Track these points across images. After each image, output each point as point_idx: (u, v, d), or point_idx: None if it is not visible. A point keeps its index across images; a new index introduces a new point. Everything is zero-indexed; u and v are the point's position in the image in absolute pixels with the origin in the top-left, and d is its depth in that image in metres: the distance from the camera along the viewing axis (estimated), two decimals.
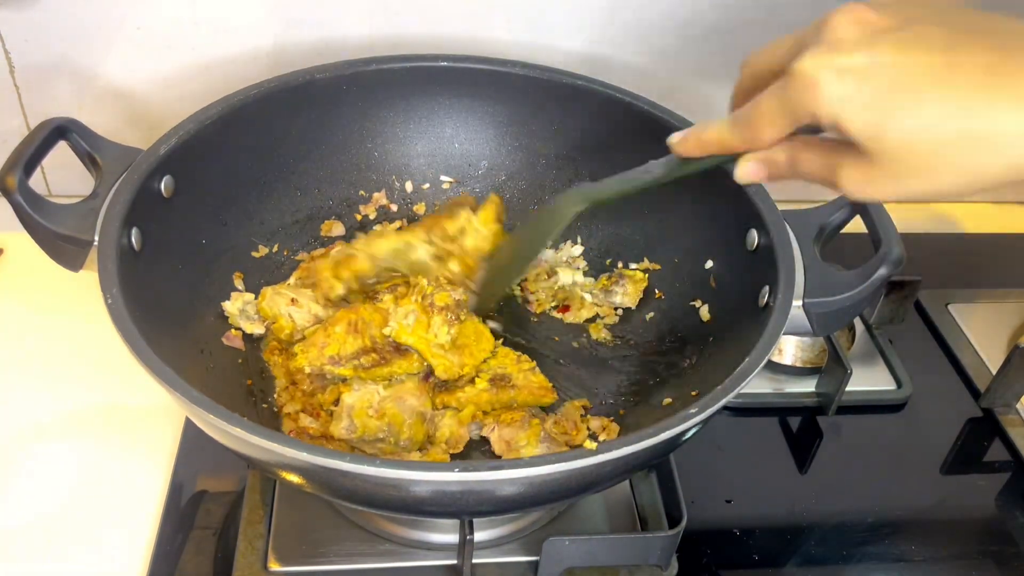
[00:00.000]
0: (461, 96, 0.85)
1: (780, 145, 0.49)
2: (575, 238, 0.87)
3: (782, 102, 0.45)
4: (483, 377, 0.73)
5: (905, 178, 0.44)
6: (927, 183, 0.44)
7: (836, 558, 0.73)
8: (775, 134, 0.47)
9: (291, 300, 0.76)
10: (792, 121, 0.46)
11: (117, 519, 0.69)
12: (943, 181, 0.43)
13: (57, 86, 0.89)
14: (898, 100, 0.42)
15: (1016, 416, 0.86)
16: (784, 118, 0.46)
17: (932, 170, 0.43)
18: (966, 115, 0.41)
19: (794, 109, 0.45)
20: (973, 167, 0.42)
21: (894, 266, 0.61)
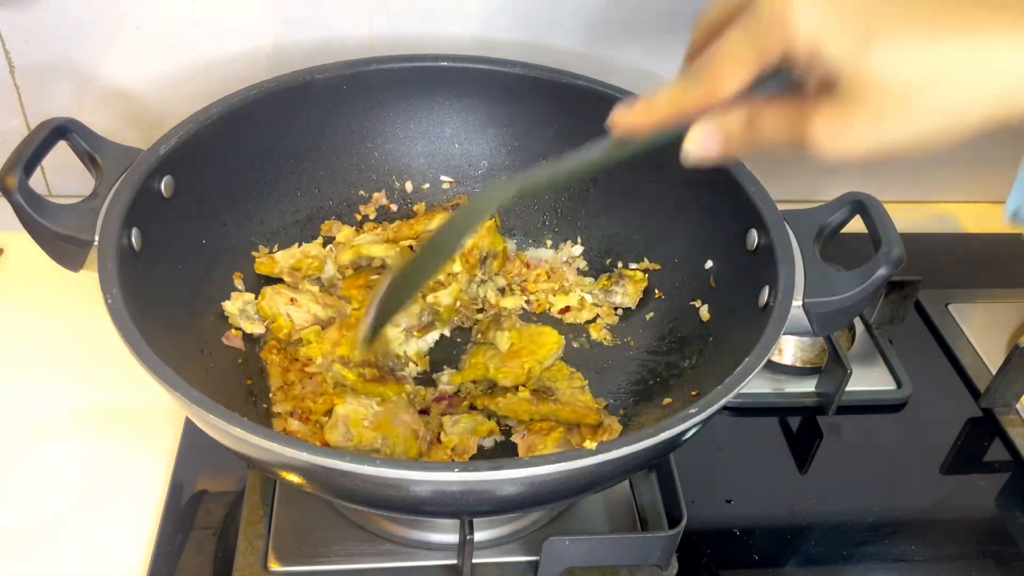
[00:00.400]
0: (461, 96, 0.85)
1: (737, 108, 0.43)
2: (575, 238, 0.87)
3: (749, 35, 0.41)
4: (528, 386, 0.73)
5: (886, 118, 0.40)
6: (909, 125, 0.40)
7: (836, 558, 0.73)
8: (739, 79, 0.42)
9: (290, 300, 0.76)
10: (760, 56, 0.41)
11: (117, 519, 0.69)
12: (927, 122, 0.40)
13: (57, 86, 0.89)
14: (881, 25, 0.38)
15: (1016, 416, 0.86)
16: (751, 52, 0.41)
17: (916, 107, 0.39)
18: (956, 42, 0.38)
19: (764, 41, 0.40)
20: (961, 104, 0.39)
21: (894, 266, 0.61)
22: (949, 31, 0.38)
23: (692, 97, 0.44)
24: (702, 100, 0.44)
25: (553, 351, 0.76)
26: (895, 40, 0.38)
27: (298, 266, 0.80)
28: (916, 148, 0.41)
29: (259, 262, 0.80)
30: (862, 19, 0.38)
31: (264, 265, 0.80)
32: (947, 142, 0.40)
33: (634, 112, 0.46)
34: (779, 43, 0.40)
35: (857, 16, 0.39)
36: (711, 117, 0.44)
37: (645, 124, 0.46)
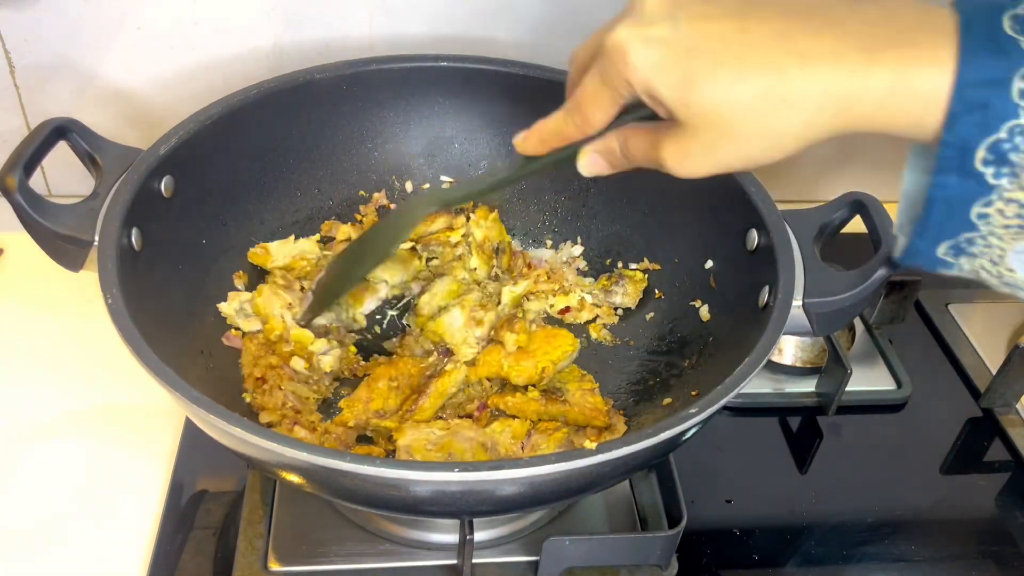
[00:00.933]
0: (461, 96, 0.85)
1: (612, 133, 0.51)
2: (575, 238, 0.87)
3: (601, 77, 0.47)
4: (539, 386, 0.73)
5: (717, 146, 0.46)
6: (738, 149, 0.45)
7: (836, 558, 0.73)
8: (602, 113, 0.49)
9: (287, 304, 0.76)
10: (613, 95, 0.47)
11: (117, 519, 0.69)
12: (751, 145, 0.45)
13: (57, 86, 0.89)
14: (698, 65, 0.44)
15: (1016, 416, 0.86)
16: (606, 93, 0.47)
17: (739, 134, 0.45)
18: (760, 77, 0.43)
19: (612, 81, 0.47)
20: (775, 128, 0.44)
21: (894, 266, 0.61)
22: (752, 69, 0.43)
23: (570, 127, 0.51)
24: (578, 132, 0.51)
25: (568, 353, 0.76)
26: (709, 80, 0.44)
27: (291, 266, 0.80)
28: (751, 165, 0.47)
29: (252, 252, 0.79)
30: (683, 62, 0.44)
31: (258, 256, 0.79)
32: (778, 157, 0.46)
33: (529, 140, 0.55)
34: (623, 81, 0.46)
35: (680, 58, 0.44)
36: (593, 143, 0.52)
37: (537, 150, 0.55)
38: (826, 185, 1.06)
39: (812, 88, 0.43)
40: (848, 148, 1.05)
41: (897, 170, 0.48)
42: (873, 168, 1.07)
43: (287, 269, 0.80)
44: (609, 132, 0.51)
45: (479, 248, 0.83)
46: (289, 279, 0.79)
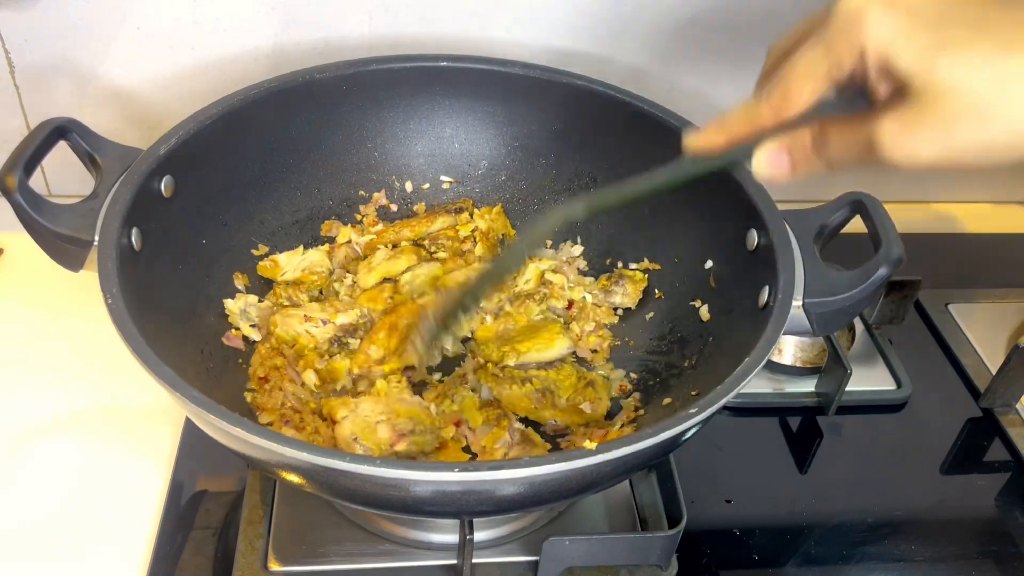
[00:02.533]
0: (461, 96, 0.85)
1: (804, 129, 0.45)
2: (575, 238, 0.87)
3: (823, 47, 0.43)
4: (534, 384, 0.73)
5: (955, 124, 0.40)
6: (979, 131, 0.40)
7: (836, 558, 0.73)
8: (811, 89, 0.43)
9: (303, 318, 0.76)
10: (832, 67, 0.42)
11: (117, 519, 0.69)
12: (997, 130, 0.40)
13: (57, 86, 0.89)
14: (952, 35, 0.40)
15: (1016, 416, 0.86)
16: (823, 64, 0.43)
17: (983, 114, 0.40)
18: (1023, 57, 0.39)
19: (837, 49, 0.42)
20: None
21: (894, 266, 0.61)
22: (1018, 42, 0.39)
23: (763, 114, 0.45)
24: (773, 116, 0.45)
25: (547, 348, 0.76)
26: (966, 50, 0.39)
27: (301, 280, 0.79)
28: (985, 158, 0.41)
29: (262, 265, 0.80)
30: (934, 29, 0.40)
31: (267, 269, 0.79)
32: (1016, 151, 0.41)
33: (706, 132, 0.48)
34: (851, 54, 0.41)
35: (930, 25, 0.40)
36: (778, 137, 0.45)
37: (716, 144, 0.48)
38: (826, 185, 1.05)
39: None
40: None
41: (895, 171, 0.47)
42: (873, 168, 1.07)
43: (296, 283, 0.79)
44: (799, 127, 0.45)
45: (484, 237, 0.84)
46: (294, 297, 0.79)
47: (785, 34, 0.48)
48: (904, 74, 0.40)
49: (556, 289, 0.82)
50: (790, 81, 0.44)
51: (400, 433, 0.67)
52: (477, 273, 0.73)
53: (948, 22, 0.40)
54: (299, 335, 0.75)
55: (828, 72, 0.43)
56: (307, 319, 0.75)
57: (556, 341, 0.77)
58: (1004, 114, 0.40)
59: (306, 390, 0.72)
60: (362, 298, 0.80)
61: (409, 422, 0.67)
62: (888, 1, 0.41)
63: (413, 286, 0.80)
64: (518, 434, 0.70)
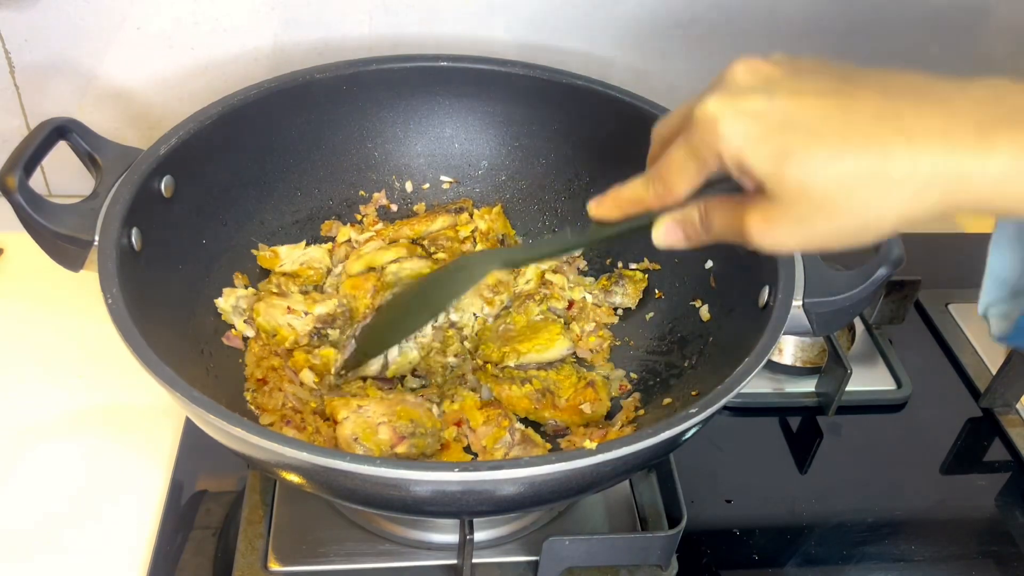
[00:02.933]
0: (461, 96, 0.85)
1: (693, 204, 0.50)
2: None
3: (688, 148, 0.46)
4: (534, 384, 0.73)
5: (808, 221, 0.44)
6: (830, 226, 0.44)
7: (836, 558, 0.73)
8: (686, 184, 0.48)
9: (287, 309, 0.76)
10: (700, 166, 0.46)
11: (117, 519, 0.69)
12: (846, 223, 0.44)
13: (57, 86, 0.89)
14: (795, 138, 0.43)
15: (1016, 416, 0.85)
16: (692, 164, 0.47)
17: (832, 210, 0.43)
18: (862, 154, 0.42)
19: (700, 152, 0.46)
20: (874, 207, 0.43)
21: (894, 266, 0.61)
22: (853, 145, 0.42)
23: (651, 196, 0.50)
24: (658, 201, 0.50)
25: (547, 348, 0.76)
26: (807, 155, 0.43)
27: (298, 273, 0.79)
28: (842, 243, 0.45)
29: (262, 255, 0.80)
30: (779, 135, 0.43)
31: (267, 259, 0.80)
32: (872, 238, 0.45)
33: (604, 204, 0.54)
34: (712, 155, 0.45)
35: (775, 132, 0.43)
36: (672, 212, 0.51)
37: (613, 215, 0.53)
38: None
39: (920, 167, 0.41)
40: None
41: None
42: None
43: (292, 276, 0.80)
44: (689, 204, 0.50)
45: (483, 237, 0.85)
46: (284, 287, 0.79)
47: (666, 119, 0.52)
48: (758, 178, 0.44)
49: (556, 289, 0.82)
50: (667, 174, 0.48)
51: (401, 435, 0.67)
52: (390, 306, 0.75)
53: (791, 128, 0.43)
54: (280, 326, 0.75)
55: (698, 170, 0.47)
56: (290, 311, 0.75)
57: (557, 342, 0.77)
58: (848, 208, 0.43)
59: (305, 390, 0.72)
60: (346, 284, 0.80)
61: (410, 424, 0.67)
62: (736, 110, 0.44)
63: (399, 277, 0.80)
64: (518, 434, 0.70)
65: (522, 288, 0.82)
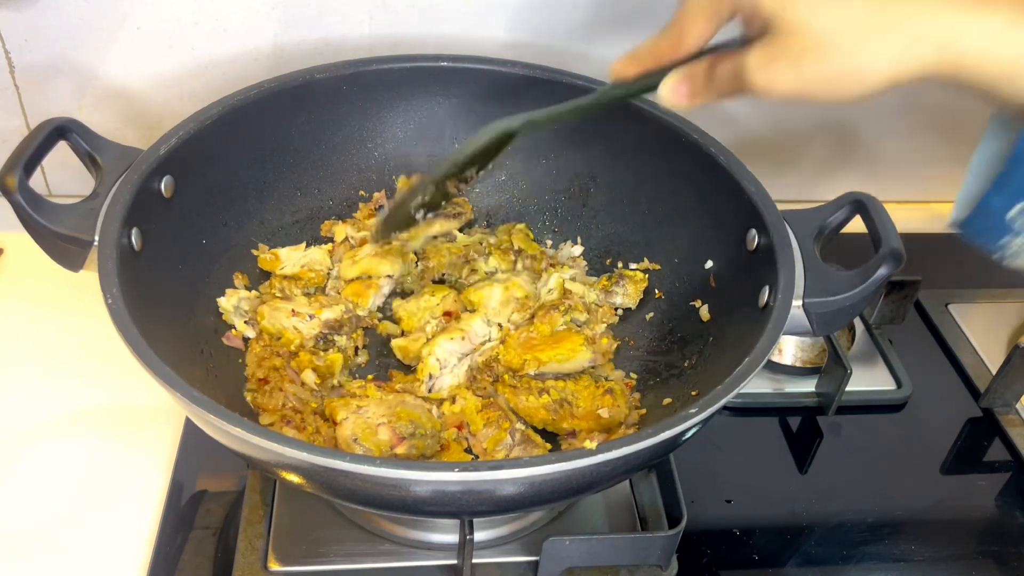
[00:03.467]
0: (461, 96, 0.85)
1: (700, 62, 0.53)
2: (575, 238, 0.87)
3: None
4: (552, 395, 0.73)
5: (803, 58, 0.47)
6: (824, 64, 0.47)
7: (836, 558, 0.73)
8: (699, 30, 0.52)
9: (291, 312, 0.75)
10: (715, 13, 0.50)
11: (117, 519, 0.69)
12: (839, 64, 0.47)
13: (57, 86, 0.89)
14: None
15: (1016, 416, 0.86)
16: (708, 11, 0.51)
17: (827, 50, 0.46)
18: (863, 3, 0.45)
19: None
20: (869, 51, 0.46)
21: (894, 266, 0.61)
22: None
23: (665, 45, 0.54)
24: (673, 50, 0.54)
25: (569, 359, 0.76)
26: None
27: (299, 276, 0.79)
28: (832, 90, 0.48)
29: (262, 258, 0.80)
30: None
31: (267, 261, 0.80)
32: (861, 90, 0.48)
33: (623, 61, 0.57)
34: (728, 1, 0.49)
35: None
36: (679, 68, 0.54)
37: (630, 72, 0.56)
38: (826, 185, 1.06)
39: (918, 18, 0.44)
40: (848, 148, 1.05)
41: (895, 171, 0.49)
42: (873, 168, 1.07)
43: (294, 279, 0.79)
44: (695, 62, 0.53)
45: (496, 249, 0.85)
46: (287, 290, 0.78)
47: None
48: (767, 14, 0.47)
49: (575, 298, 0.82)
50: (682, 22, 0.52)
51: (400, 436, 0.67)
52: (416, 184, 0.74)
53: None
54: (285, 329, 0.75)
55: (713, 15, 0.51)
56: (295, 314, 0.75)
57: (579, 352, 0.76)
58: (842, 49, 0.46)
59: (306, 390, 0.72)
60: (346, 291, 0.80)
61: (410, 425, 0.67)
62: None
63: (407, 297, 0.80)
64: (519, 435, 0.70)
65: (545, 298, 0.81)
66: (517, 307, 0.79)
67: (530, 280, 0.82)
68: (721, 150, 0.74)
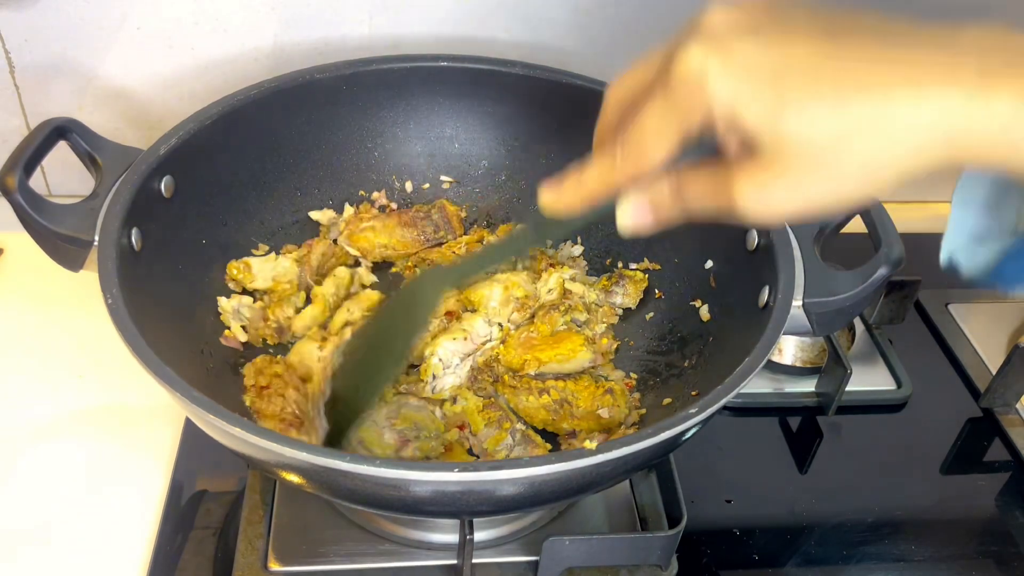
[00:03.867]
0: (461, 96, 0.85)
1: (662, 178, 0.45)
2: (575, 238, 0.87)
3: (668, 106, 0.42)
4: (552, 395, 0.73)
5: (808, 181, 0.41)
6: (832, 183, 0.41)
7: (836, 558, 0.73)
8: (663, 149, 0.43)
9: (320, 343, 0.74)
10: (680, 127, 0.42)
11: (117, 519, 0.69)
12: (849, 178, 0.40)
13: (57, 86, 0.89)
14: (793, 87, 0.39)
15: (1016, 416, 0.85)
16: (672, 125, 0.42)
17: (836, 166, 0.40)
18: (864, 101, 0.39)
19: (682, 110, 0.41)
20: (878, 159, 0.40)
21: (894, 266, 0.61)
22: (854, 92, 0.39)
23: (619, 171, 0.45)
24: (629, 173, 0.45)
25: (569, 359, 0.76)
26: (807, 105, 0.39)
27: (272, 289, 0.78)
28: (839, 205, 0.42)
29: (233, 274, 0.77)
30: (773, 85, 0.39)
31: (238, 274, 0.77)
32: (871, 196, 0.41)
33: (563, 191, 0.48)
34: (697, 113, 0.41)
35: (768, 82, 0.40)
36: (639, 190, 0.45)
37: (575, 202, 0.48)
38: None
39: (923, 114, 0.38)
40: None
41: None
42: None
43: (268, 292, 0.78)
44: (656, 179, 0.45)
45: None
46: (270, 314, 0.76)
47: (622, 78, 0.47)
48: (751, 133, 0.40)
49: (576, 298, 0.81)
50: (640, 139, 0.43)
51: (405, 438, 0.67)
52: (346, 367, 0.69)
53: (786, 75, 0.39)
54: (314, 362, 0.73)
55: (678, 129, 0.42)
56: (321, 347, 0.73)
57: (579, 353, 0.76)
58: (850, 162, 0.40)
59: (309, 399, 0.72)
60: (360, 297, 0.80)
61: (414, 428, 0.67)
62: (725, 59, 0.40)
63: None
64: (519, 435, 0.70)
65: (546, 298, 0.81)
66: (517, 307, 0.79)
67: (530, 280, 0.82)
68: None
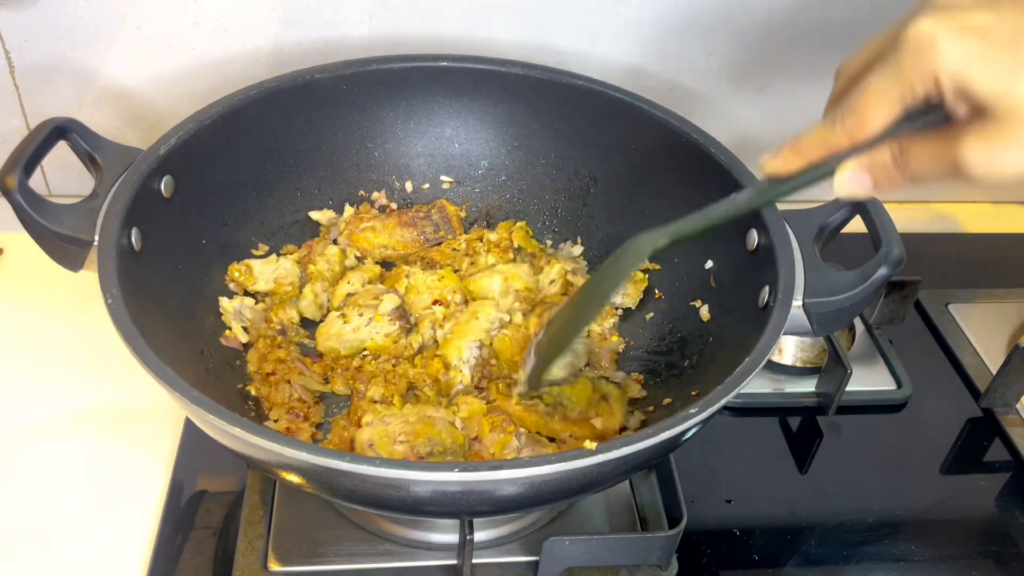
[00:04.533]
0: (461, 96, 0.85)
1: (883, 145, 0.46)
2: (575, 238, 0.87)
3: (894, 73, 0.43)
4: (544, 400, 0.72)
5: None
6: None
7: (836, 558, 0.73)
8: (885, 115, 0.44)
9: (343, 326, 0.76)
10: (904, 94, 0.43)
11: (117, 519, 0.69)
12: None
13: (57, 86, 0.89)
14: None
15: (1016, 416, 0.85)
16: (895, 91, 0.43)
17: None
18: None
19: (909, 77, 0.42)
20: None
21: (894, 266, 0.61)
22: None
23: (838, 137, 0.46)
24: (848, 139, 0.46)
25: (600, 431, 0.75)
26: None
27: (275, 291, 0.78)
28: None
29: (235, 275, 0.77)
30: (1009, 50, 0.40)
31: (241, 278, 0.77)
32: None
33: (782, 155, 0.49)
34: (924, 80, 0.42)
35: (1004, 47, 0.41)
36: (858, 156, 0.46)
37: (793, 167, 0.49)
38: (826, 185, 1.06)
39: None
40: None
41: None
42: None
43: (271, 294, 0.78)
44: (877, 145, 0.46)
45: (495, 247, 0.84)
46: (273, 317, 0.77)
47: (853, 56, 0.48)
48: (983, 98, 0.41)
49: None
50: (863, 105, 0.45)
51: (418, 455, 0.66)
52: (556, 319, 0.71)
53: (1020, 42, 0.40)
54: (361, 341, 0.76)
55: (901, 96, 0.43)
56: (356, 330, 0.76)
57: None
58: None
59: (315, 381, 0.73)
60: None
61: (427, 443, 0.67)
62: (958, 26, 0.41)
63: None
64: (524, 437, 0.70)
65: (548, 290, 0.81)
66: (518, 298, 0.79)
67: (530, 273, 0.82)
68: (721, 150, 0.74)
